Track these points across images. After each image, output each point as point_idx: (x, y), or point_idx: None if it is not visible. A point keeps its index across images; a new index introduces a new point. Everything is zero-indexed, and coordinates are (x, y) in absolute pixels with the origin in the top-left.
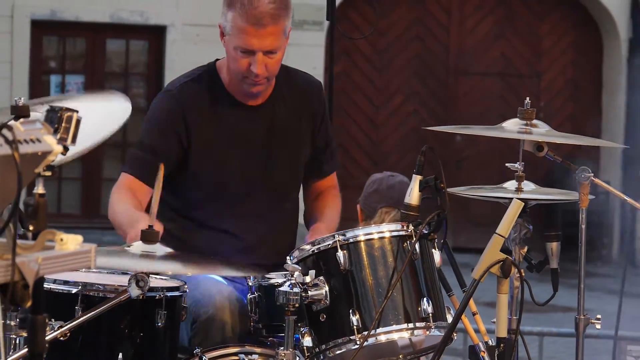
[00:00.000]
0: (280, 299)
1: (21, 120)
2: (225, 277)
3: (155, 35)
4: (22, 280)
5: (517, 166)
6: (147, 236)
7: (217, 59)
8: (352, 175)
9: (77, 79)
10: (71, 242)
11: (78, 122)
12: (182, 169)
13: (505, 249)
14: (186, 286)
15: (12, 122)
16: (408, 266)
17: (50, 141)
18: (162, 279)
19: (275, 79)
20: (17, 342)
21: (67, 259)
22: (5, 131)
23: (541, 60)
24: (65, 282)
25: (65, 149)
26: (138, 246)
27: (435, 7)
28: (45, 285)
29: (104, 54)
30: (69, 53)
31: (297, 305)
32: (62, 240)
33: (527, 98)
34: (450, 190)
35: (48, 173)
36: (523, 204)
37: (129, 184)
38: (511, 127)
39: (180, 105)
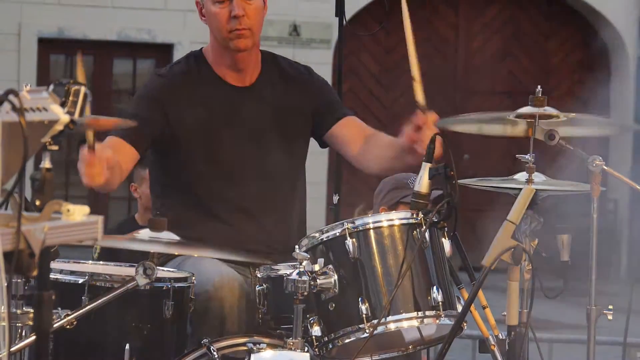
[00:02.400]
0: (288, 287)
1: (28, 88)
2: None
3: (162, 53)
4: (28, 248)
5: (528, 157)
6: (155, 224)
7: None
8: (359, 192)
9: None
10: (78, 212)
11: (86, 96)
12: (172, 147)
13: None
14: (194, 278)
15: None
16: (418, 254)
17: (57, 110)
18: (169, 270)
19: (261, 63)
20: (24, 333)
21: (74, 229)
22: (12, 97)
23: (549, 79)
24: (72, 272)
25: (73, 122)
26: (145, 233)
27: (442, 25)
28: (51, 276)
29: (111, 72)
30: (75, 71)
31: (305, 293)
32: (68, 210)
33: (539, 86)
34: (460, 182)
35: (55, 147)
36: (534, 190)
37: (112, 143)
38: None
39: (168, 84)
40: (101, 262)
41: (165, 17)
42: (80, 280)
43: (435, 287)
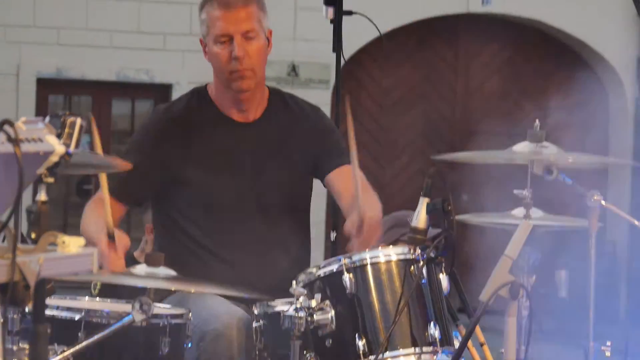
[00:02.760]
0: (285, 323)
1: (23, 119)
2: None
3: (161, 93)
4: (23, 280)
5: (525, 192)
6: (152, 259)
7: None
8: None
9: (83, 137)
10: (73, 244)
11: (81, 127)
12: (172, 185)
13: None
14: (190, 314)
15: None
16: (415, 290)
17: (52, 141)
18: (165, 307)
19: (268, 100)
20: None
21: (69, 261)
22: (7, 127)
23: (547, 118)
24: (69, 309)
25: (69, 155)
26: (142, 268)
27: (441, 65)
28: (47, 312)
29: (110, 112)
30: (74, 111)
31: (302, 329)
32: (64, 242)
33: (537, 120)
34: (458, 217)
35: (50, 179)
36: (532, 225)
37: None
38: (522, 149)
39: (168, 121)
40: (98, 299)
41: (164, 58)
42: (77, 317)
43: (432, 323)
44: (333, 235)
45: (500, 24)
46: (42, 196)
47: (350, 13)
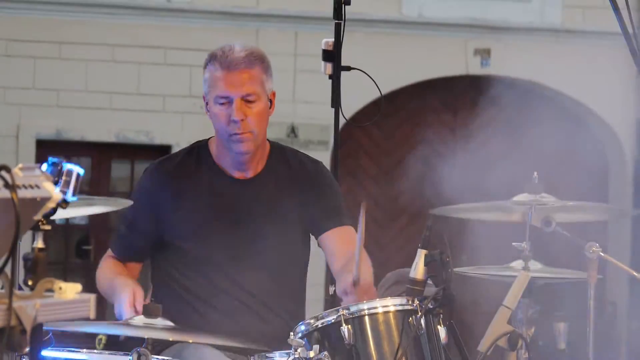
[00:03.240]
0: None
1: (20, 166)
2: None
3: (160, 154)
4: (19, 325)
5: (524, 245)
6: (149, 310)
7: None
8: None
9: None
10: (70, 290)
11: (79, 176)
12: (166, 239)
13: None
14: None
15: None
16: (413, 341)
17: (49, 188)
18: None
19: (268, 156)
20: None
21: (66, 307)
22: (4, 173)
23: (546, 178)
24: None
25: (65, 202)
26: (140, 319)
27: (441, 127)
28: None
29: (109, 174)
30: None
31: None
32: (60, 288)
33: (535, 172)
34: (457, 270)
35: (47, 227)
36: (530, 276)
37: (113, 256)
38: (521, 199)
39: (160, 177)
40: (96, 351)
41: (164, 119)
42: None
43: None
44: (332, 289)
45: (499, 86)
46: (39, 243)
47: (348, 69)
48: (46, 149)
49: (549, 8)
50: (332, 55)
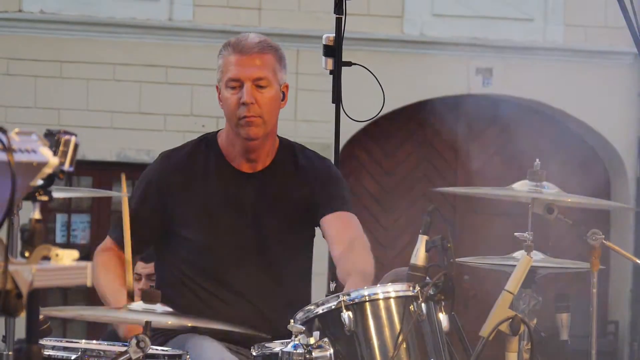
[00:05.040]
0: (283, 359)
1: (16, 130)
2: (229, 349)
3: None
4: (15, 289)
5: (526, 235)
6: (149, 296)
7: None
8: None
9: (83, 218)
10: (67, 257)
11: (76, 146)
12: (172, 232)
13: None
14: (188, 356)
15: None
16: (414, 327)
17: (46, 153)
18: (163, 350)
19: (277, 150)
20: None
21: (62, 273)
22: (0, 135)
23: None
24: (65, 348)
25: (63, 172)
26: (139, 305)
27: (442, 146)
28: (44, 352)
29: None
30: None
31: None
32: (57, 255)
33: (537, 159)
34: (458, 260)
35: (45, 197)
36: (532, 260)
37: (111, 246)
38: (521, 187)
39: (167, 169)
40: (95, 342)
41: (165, 138)
42: (73, 357)
43: None
44: (332, 285)
45: (501, 105)
46: (36, 214)
47: (349, 64)
48: None
49: (551, 27)
50: (332, 50)
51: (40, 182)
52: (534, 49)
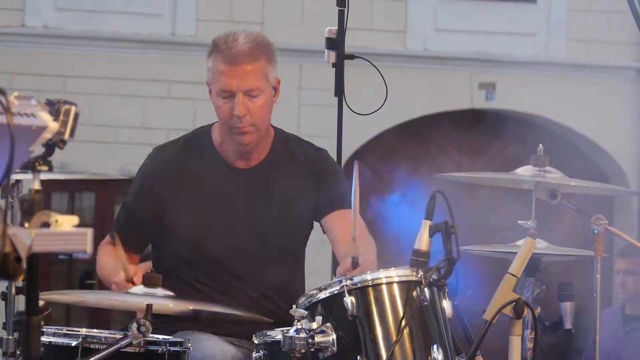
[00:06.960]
0: (285, 344)
1: (15, 94)
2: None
3: None
4: (14, 252)
5: (530, 223)
6: (150, 280)
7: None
8: None
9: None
10: (67, 222)
11: (76, 115)
12: (166, 227)
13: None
14: (190, 344)
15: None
16: (417, 312)
17: (46, 117)
18: (165, 338)
19: (272, 144)
20: None
21: (62, 238)
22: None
23: (552, 214)
24: (65, 335)
25: (63, 142)
26: (140, 289)
27: (445, 161)
28: (44, 339)
29: (113, 208)
30: (77, 207)
31: (303, 351)
32: (57, 221)
33: (540, 145)
34: (462, 248)
35: (44, 167)
36: (536, 242)
37: (110, 241)
38: (524, 172)
39: (159, 165)
40: (96, 330)
41: None
42: (74, 343)
43: (435, 346)
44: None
45: (503, 120)
46: (35, 185)
47: (352, 57)
48: (50, 183)
49: (554, 42)
50: (335, 42)
51: (40, 149)
52: (537, 63)
